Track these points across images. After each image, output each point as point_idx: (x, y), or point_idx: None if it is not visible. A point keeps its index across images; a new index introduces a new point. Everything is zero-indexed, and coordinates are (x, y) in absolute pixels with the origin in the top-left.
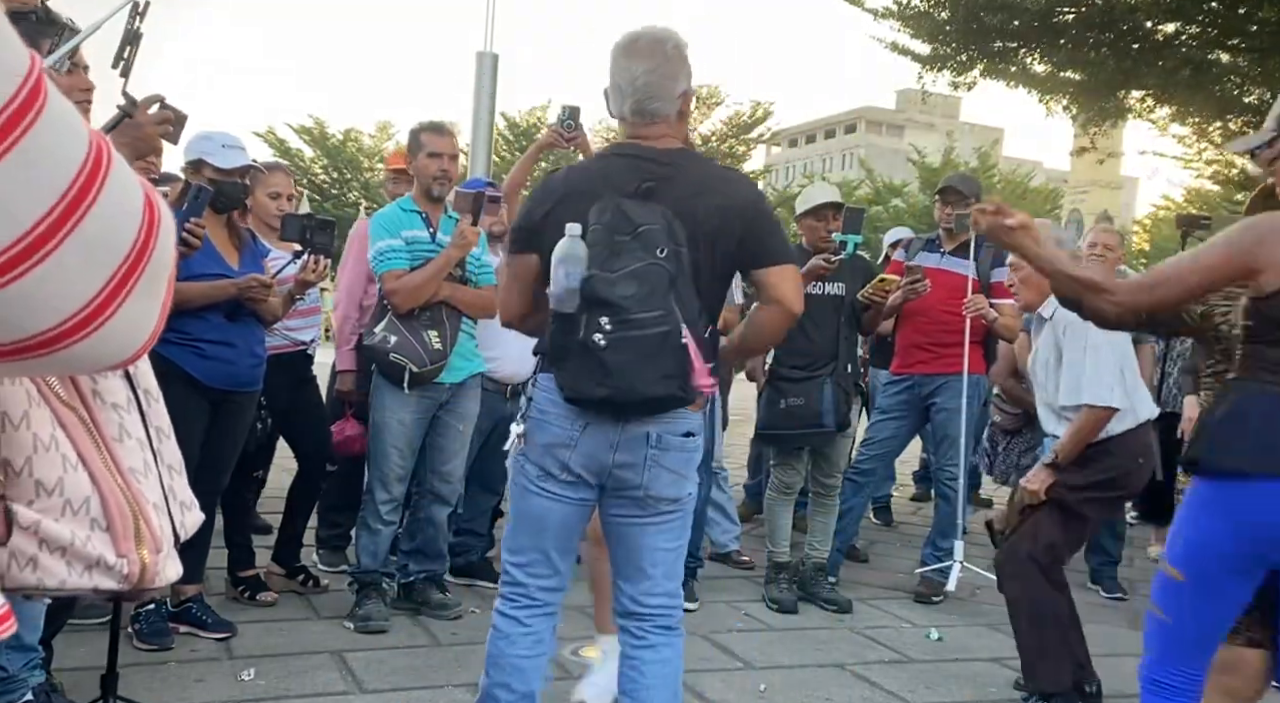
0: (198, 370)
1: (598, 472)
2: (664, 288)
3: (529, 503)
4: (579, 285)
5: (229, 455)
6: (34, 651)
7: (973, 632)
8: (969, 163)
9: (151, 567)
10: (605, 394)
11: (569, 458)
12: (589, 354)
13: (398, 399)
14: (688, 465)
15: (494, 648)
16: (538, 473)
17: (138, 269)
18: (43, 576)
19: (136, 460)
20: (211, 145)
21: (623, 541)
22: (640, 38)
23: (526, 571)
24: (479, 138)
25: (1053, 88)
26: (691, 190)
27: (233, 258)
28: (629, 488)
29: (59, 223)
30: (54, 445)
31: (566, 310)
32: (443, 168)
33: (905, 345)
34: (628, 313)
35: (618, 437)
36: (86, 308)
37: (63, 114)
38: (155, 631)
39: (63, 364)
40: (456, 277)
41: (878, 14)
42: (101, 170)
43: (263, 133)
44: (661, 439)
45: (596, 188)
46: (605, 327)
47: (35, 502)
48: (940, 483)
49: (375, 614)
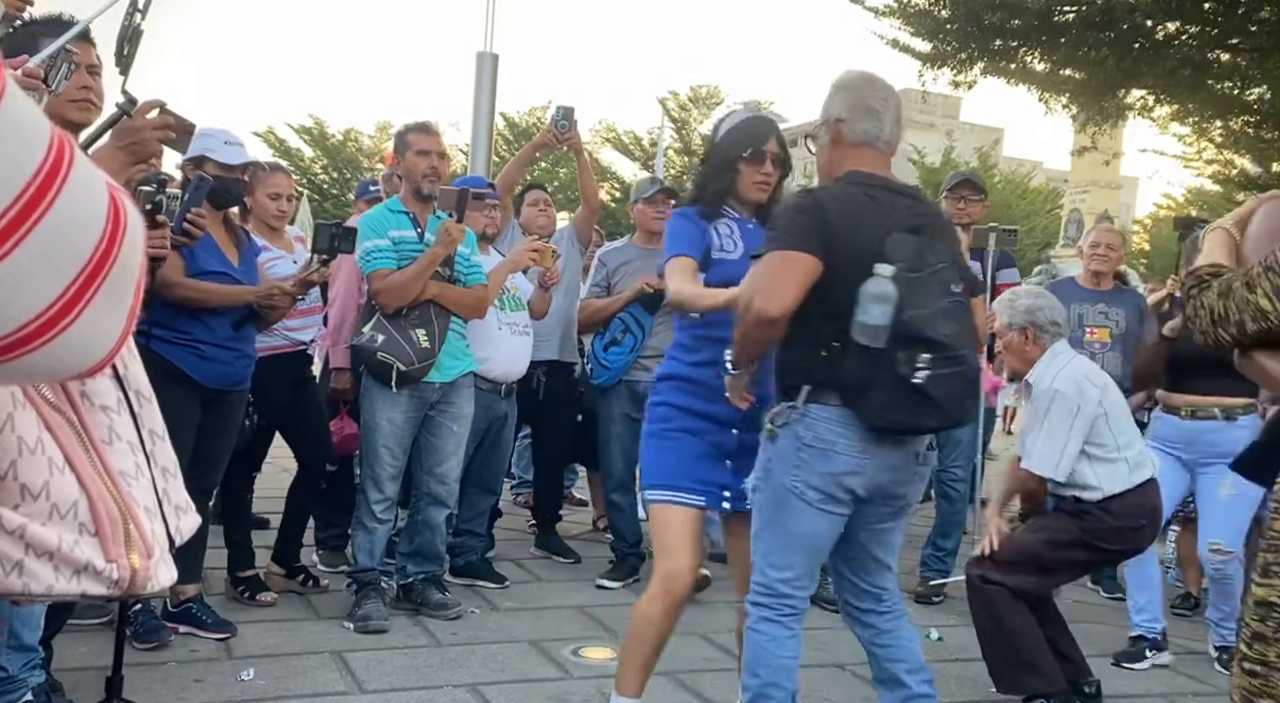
0: (194, 370)
1: (874, 490)
2: (968, 324)
3: (806, 523)
4: (888, 323)
5: (220, 454)
6: (34, 651)
7: (973, 632)
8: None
9: (142, 572)
10: (935, 424)
11: (856, 484)
12: (907, 388)
13: (387, 399)
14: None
15: (761, 652)
16: (820, 497)
17: (99, 276)
18: (29, 581)
19: (127, 463)
20: (214, 141)
21: (872, 541)
22: (875, 75)
23: (793, 585)
24: (479, 138)
25: (1053, 87)
26: (945, 230)
27: (233, 255)
28: (895, 499)
29: (11, 227)
30: (40, 448)
31: (875, 345)
32: (432, 165)
33: None
34: (950, 351)
35: (899, 459)
36: (43, 316)
37: (21, 112)
38: (150, 629)
39: (19, 373)
40: (445, 276)
41: (878, 12)
42: (61, 172)
43: (263, 133)
44: (923, 456)
45: (881, 219)
46: (927, 362)
47: (21, 506)
48: (944, 484)
49: (375, 614)
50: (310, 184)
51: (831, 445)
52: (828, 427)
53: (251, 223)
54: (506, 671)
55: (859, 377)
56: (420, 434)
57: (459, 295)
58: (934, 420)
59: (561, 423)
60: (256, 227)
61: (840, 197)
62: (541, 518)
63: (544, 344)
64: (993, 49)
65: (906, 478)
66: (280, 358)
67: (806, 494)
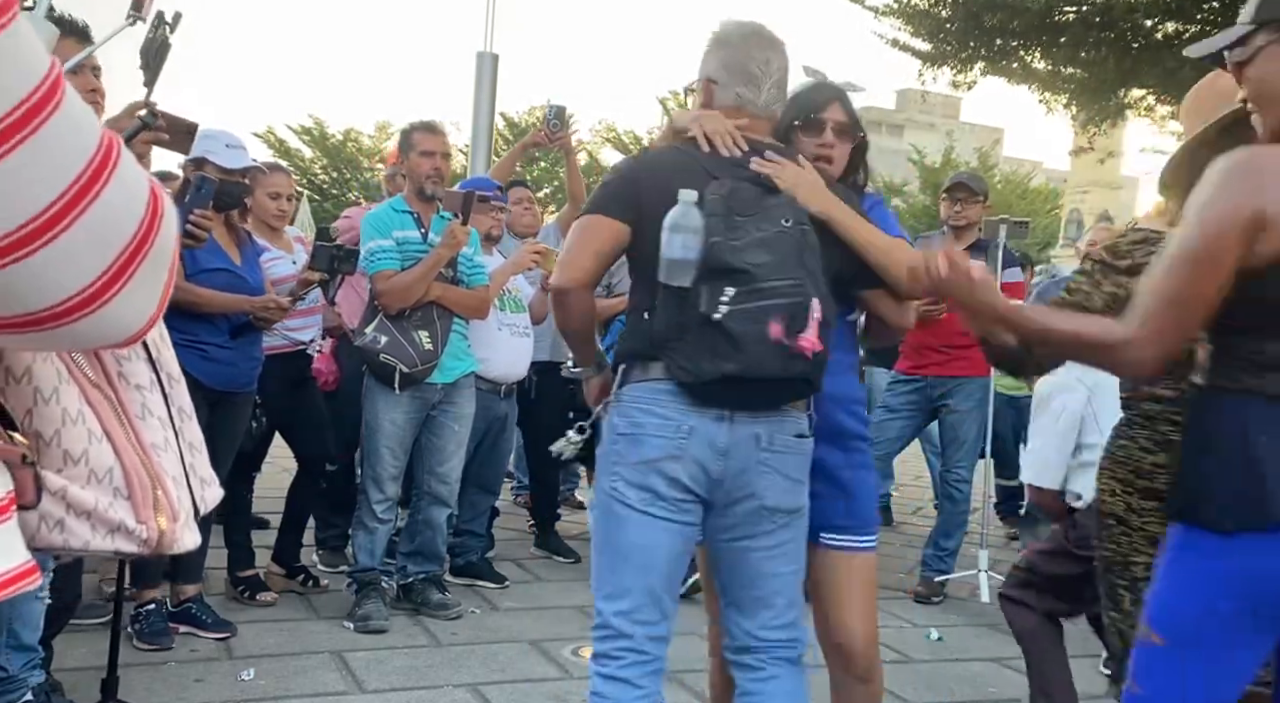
0: (201, 372)
1: (707, 483)
2: (795, 256)
3: (631, 533)
4: (696, 257)
5: (225, 454)
6: (34, 651)
7: (973, 632)
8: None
9: (169, 534)
10: (731, 370)
11: (677, 471)
12: (711, 329)
13: (389, 400)
14: (802, 470)
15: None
16: (641, 496)
17: (140, 254)
18: (69, 537)
19: (158, 437)
20: (215, 144)
21: (736, 567)
22: (763, 27)
23: (631, 618)
24: (479, 138)
25: (1053, 86)
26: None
27: (234, 254)
28: (745, 500)
29: (68, 208)
30: (81, 420)
31: (680, 283)
32: (435, 166)
33: (915, 346)
34: (757, 281)
35: (727, 440)
36: (90, 287)
37: (77, 110)
38: (155, 631)
39: (66, 339)
40: (448, 277)
41: (879, 11)
42: (110, 162)
43: (262, 133)
44: (773, 441)
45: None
46: (730, 296)
47: (63, 470)
48: (948, 484)
49: (375, 614)
50: (310, 184)
51: (641, 428)
52: (637, 407)
53: (251, 223)
54: (506, 671)
55: (667, 328)
56: (422, 434)
57: (461, 297)
58: (733, 365)
59: (554, 422)
60: (256, 226)
61: (661, 157)
62: (540, 518)
63: (537, 345)
64: (993, 49)
65: (746, 467)
66: (280, 358)
67: (626, 495)
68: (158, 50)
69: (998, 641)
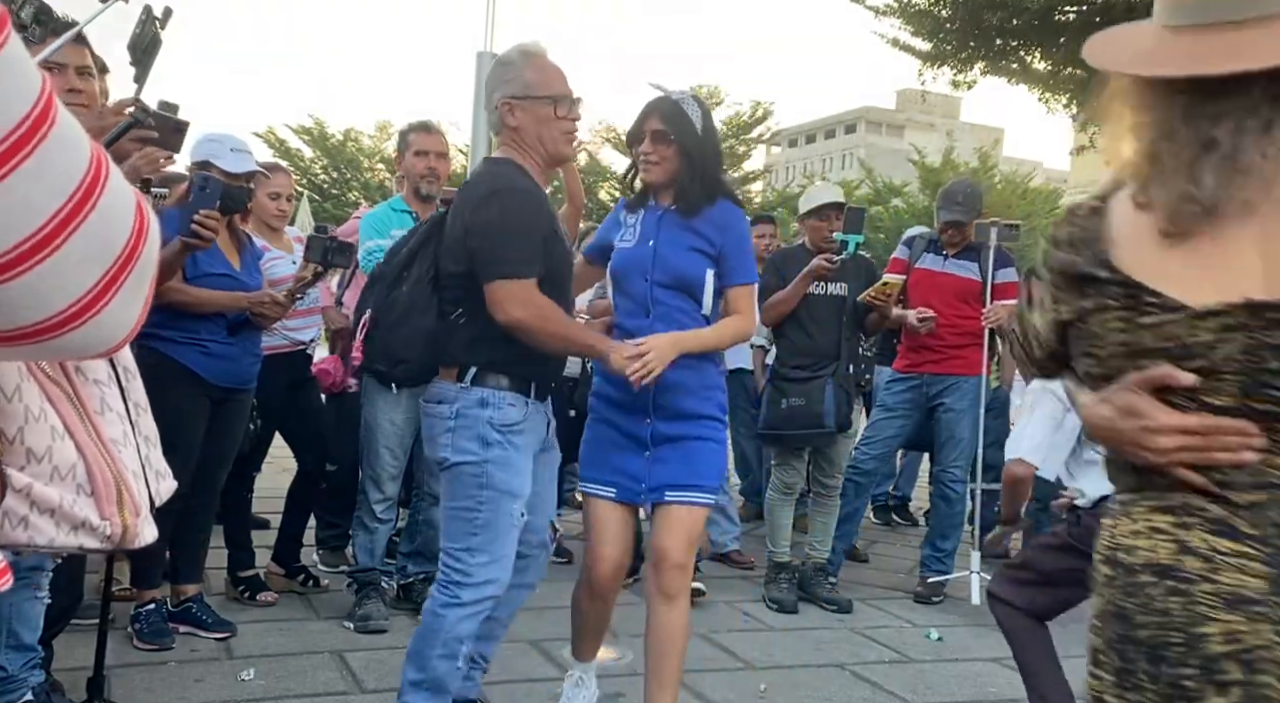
0: (202, 368)
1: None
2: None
3: None
4: None
5: (228, 453)
6: (34, 651)
7: (973, 632)
8: (969, 163)
9: (132, 529)
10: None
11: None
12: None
13: (388, 400)
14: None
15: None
16: None
17: (127, 268)
18: (33, 534)
19: (116, 432)
20: (220, 148)
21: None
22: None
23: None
24: (479, 138)
25: (1054, 86)
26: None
27: (234, 258)
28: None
29: (63, 224)
30: (43, 417)
31: None
32: (430, 166)
33: (911, 345)
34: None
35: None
36: (81, 301)
37: (69, 127)
38: (155, 631)
39: (54, 351)
40: None
41: (879, 11)
42: (100, 181)
43: (263, 133)
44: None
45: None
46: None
47: (26, 468)
48: (943, 484)
49: (375, 614)
50: (310, 184)
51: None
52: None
53: (251, 223)
54: (506, 671)
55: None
56: (421, 433)
57: None
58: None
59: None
60: (256, 227)
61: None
62: None
63: None
64: (993, 49)
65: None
66: (280, 358)
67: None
68: (147, 47)
69: (998, 641)
